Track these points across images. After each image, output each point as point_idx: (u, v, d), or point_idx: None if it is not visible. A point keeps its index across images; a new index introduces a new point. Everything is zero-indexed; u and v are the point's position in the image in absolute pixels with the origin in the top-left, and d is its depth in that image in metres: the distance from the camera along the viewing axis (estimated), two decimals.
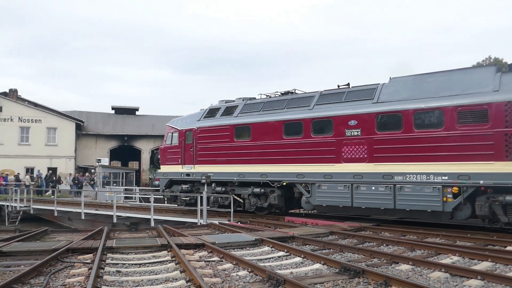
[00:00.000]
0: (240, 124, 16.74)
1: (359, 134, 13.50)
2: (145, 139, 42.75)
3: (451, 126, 11.88)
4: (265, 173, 15.82)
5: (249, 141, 16.34)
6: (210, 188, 17.56)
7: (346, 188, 13.61)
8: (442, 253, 9.24)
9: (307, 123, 14.76)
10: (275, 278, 6.75)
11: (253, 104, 17.04)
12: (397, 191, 12.58)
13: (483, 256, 8.58)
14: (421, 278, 7.25)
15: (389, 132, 12.96)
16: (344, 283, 6.89)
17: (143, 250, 9.66)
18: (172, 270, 7.81)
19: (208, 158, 17.62)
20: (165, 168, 19.77)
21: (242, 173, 16.49)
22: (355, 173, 13.47)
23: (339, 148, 13.90)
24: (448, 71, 12.81)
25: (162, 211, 20.37)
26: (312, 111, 14.84)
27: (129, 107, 45.93)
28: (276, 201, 15.68)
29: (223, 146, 17.11)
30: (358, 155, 13.50)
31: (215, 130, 17.51)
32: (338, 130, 13.94)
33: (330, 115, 14.24)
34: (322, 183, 14.23)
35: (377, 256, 8.92)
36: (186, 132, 18.59)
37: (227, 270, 7.83)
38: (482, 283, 6.74)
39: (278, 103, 16.23)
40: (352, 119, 13.65)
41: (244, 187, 16.74)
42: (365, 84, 14.33)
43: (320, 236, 11.79)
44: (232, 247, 10.16)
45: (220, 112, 17.88)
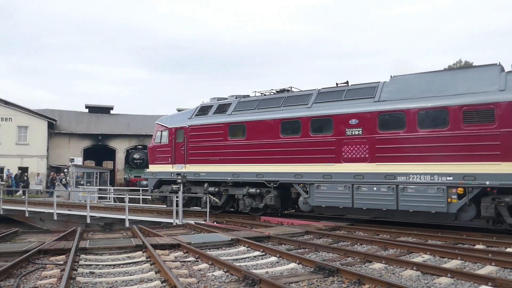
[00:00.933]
0: (234, 123, 16.22)
1: (360, 133, 13.17)
2: (120, 139, 42.15)
3: (456, 125, 11.66)
4: (261, 173, 15.36)
5: (244, 140, 15.86)
6: (202, 188, 17.12)
7: (346, 189, 13.25)
8: (414, 252, 9.46)
9: (306, 122, 14.35)
10: (250, 277, 6.78)
11: (248, 102, 16.56)
12: (399, 192, 12.34)
13: (453, 255, 8.82)
14: (393, 276, 7.41)
15: (392, 132, 12.70)
16: (319, 282, 6.98)
17: (118, 251, 9.53)
18: (147, 270, 7.75)
19: (200, 158, 17.11)
20: (154, 168, 19.03)
21: (237, 173, 15.99)
22: (356, 173, 13.14)
23: (339, 147, 13.55)
24: (451, 70, 12.60)
25: (137, 211, 20.14)
26: (311, 109, 14.43)
27: (103, 105, 45.20)
28: (272, 202, 15.28)
29: (216, 145, 16.60)
30: (359, 155, 13.18)
31: (207, 129, 16.99)
32: (338, 129, 13.60)
33: (330, 114, 13.87)
34: (321, 184, 13.84)
35: (351, 255, 9.05)
36: (177, 131, 18.00)
37: (202, 270, 7.81)
38: (452, 281, 6.93)
39: (274, 101, 15.78)
40: (353, 118, 13.33)
41: (238, 187, 16.29)
42: (365, 83, 14.10)
43: (295, 235, 11.88)
44: (208, 247, 10.14)
45: (213, 110, 17.33)
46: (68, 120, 42.26)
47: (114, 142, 42.19)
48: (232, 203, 17.01)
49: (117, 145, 42.19)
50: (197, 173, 17.11)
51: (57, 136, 40.49)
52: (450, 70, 12.97)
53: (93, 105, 44.80)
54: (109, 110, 45.22)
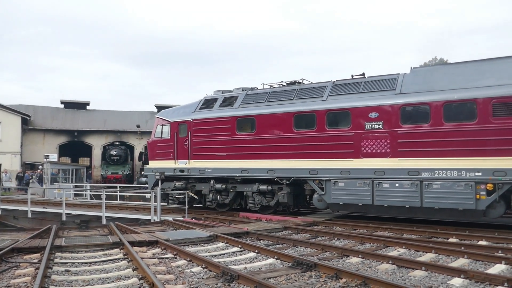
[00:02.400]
0: (243, 116, 15.43)
1: (381, 127, 12.57)
2: (96, 135, 41.52)
3: (485, 119, 11.16)
4: (272, 169, 14.59)
5: (254, 134, 15.07)
6: (207, 185, 16.45)
7: (366, 185, 12.65)
8: (390, 246, 9.64)
9: (321, 115, 13.66)
10: (229, 273, 6.80)
11: (256, 95, 15.81)
12: (424, 188, 11.81)
13: (428, 248, 9.04)
14: (370, 270, 7.53)
15: (415, 125, 12.14)
16: (297, 276, 7.05)
17: (94, 249, 9.42)
18: (124, 268, 7.68)
19: (206, 153, 16.28)
20: (154, 164, 18.04)
21: (246, 169, 15.20)
22: (377, 169, 12.55)
23: (358, 142, 12.92)
24: (477, 61, 12.25)
25: (115, 208, 19.91)
26: (326, 102, 13.74)
27: (79, 101, 44.45)
28: (285, 199, 14.56)
29: (223, 140, 15.80)
30: (379, 150, 12.58)
31: (213, 123, 16.16)
32: (357, 122, 12.98)
33: (348, 107, 13.21)
34: (339, 180, 13.16)
35: (329, 250, 9.17)
36: (179, 125, 17.10)
37: (181, 267, 7.79)
38: (426, 274, 7.10)
39: (285, 93, 15.03)
40: (372, 111, 12.72)
41: (247, 184, 15.53)
42: (382, 75, 13.61)
43: (274, 231, 11.95)
44: (186, 243, 10.12)
45: (218, 103, 16.53)
46: (43, 115, 41.38)
47: (90, 138, 41.55)
48: (239, 201, 16.35)
49: (94, 141, 41.56)
50: (203, 169, 16.31)
51: (31, 132, 39.60)
52: (476, 60, 12.31)
53: (68, 100, 44.00)
54: (85, 106, 44.49)
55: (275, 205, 15.08)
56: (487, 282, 6.42)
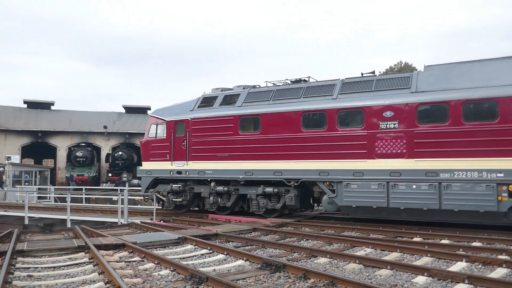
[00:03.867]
0: (247, 115, 14.71)
1: (396, 127, 12.12)
2: (61, 136, 40.44)
3: (507, 118, 10.85)
4: (279, 170, 13.90)
5: (259, 134, 14.36)
6: (207, 187, 15.56)
7: (381, 187, 12.15)
8: (357, 246, 9.82)
9: (332, 114, 13.09)
10: (197, 276, 6.77)
11: (260, 93, 15.09)
12: (442, 190, 11.40)
13: (393, 248, 9.26)
14: (337, 270, 7.65)
15: (433, 125, 11.75)
16: (266, 277, 7.08)
17: (58, 253, 9.18)
18: (90, 272, 7.52)
19: (206, 154, 15.42)
20: (148, 165, 16.98)
21: (250, 171, 14.45)
22: (392, 170, 12.07)
23: (371, 142, 12.43)
24: (496, 59, 12.06)
25: (80, 211, 19.47)
26: (337, 100, 13.18)
27: (43, 101, 43.27)
28: (292, 202, 13.85)
29: (225, 140, 15.04)
30: (395, 150, 12.13)
31: (214, 122, 15.38)
32: (371, 122, 12.48)
33: (360, 106, 12.70)
34: (351, 181, 12.61)
35: (297, 251, 9.26)
36: (177, 124, 16.22)
37: (148, 270, 7.69)
38: (391, 272, 7.28)
39: (292, 91, 14.38)
40: (387, 110, 12.26)
41: (250, 186, 14.75)
42: (395, 73, 13.03)
43: (243, 232, 11.96)
44: (154, 246, 10.00)
45: (218, 101, 15.74)
46: (4, 115, 40.00)
47: (55, 139, 40.42)
48: (241, 204, 15.55)
49: (58, 142, 40.46)
50: (202, 170, 15.46)
51: None
52: (495, 59, 12.08)
53: (32, 100, 42.80)
54: (50, 106, 43.35)
55: (281, 208, 14.40)
56: (449, 279, 6.64)
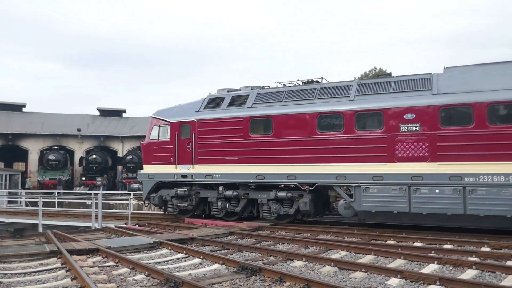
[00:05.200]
0: (258, 117, 14.21)
1: (418, 130, 11.79)
2: (33, 138, 39.45)
3: None
4: (293, 174, 13.42)
5: (271, 136, 13.85)
6: (215, 191, 15.02)
7: (402, 191, 11.79)
8: (332, 249, 9.93)
9: (349, 116, 12.71)
10: (173, 280, 6.72)
11: (271, 94, 14.63)
12: (467, 195, 11.11)
13: (367, 250, 9.40)
14: (313, 273, 7.73)
15: (457, 128, 11.44)
16: (242, 281, 7.09)
17: (29, 258, 8.96)
18: (62, 277, 7.37)
19: (214, 157, 14.84)
20: (150, 168, 16.33)
21: (261, 174, 13.91)
22: (414, 174, 11.74)
23: (391, 145, 12.08)
24: None
25: (52, 215, 19.07)
26: (354, 102, 12.81)
27: (14, 103, 42.20)
28: (307, 207, 13.34)
29: (234, 142, 14.47)
30: (416, 153, 11.79)
31: (222, 123, 14.82)
32: (391, 124, 12.15)
33: (380, 108, 12.34)
34: (371, 186, 12.24)
35: (273, 254, 9.29)
36: (181, 125, 15.61)
37: (123, 275, 7.59)
38: (366, 275, 7.39)
39: (305, 92, 13.95)
40: (408, 112, 11.94)
41: (261, 190, 14.25)
42: (413, 74, 13.00)
43: (219, 236, 11.93)
44: (129, 251, 9.88)
45: (226, 102, 15.22)
46: None
47: (26, 142, 39.40)
48: (251, 209, 14.97)
49: (30, 145, 39.45)
50: (210, 174, 14.84)
51: None
52: None
53: (2, 101, 41.65)
54: (21, 108, 42.31)
55: (295, 213, 13.89)
56: (421, 281, 6.79)
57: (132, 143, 39.81)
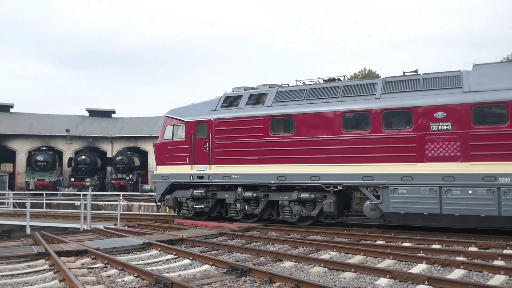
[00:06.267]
0: (278, 115, 13.82)
1: (449, 129, 11.45)
2: (21, 139, 39.01)
3: None
4: (316, 174, 13.00)
5: (293, 135, 13.45)
6: (233, 193, 14.59)
7: (432, 192, 11.45)
8: (322, 249, 9.96)
9: (376, 115, 12.35)
10: (162, 281, 6.70)
11: (291, 92, 14.17)
12: (502, 196, 10.76)
13: (357, 251, 9.45)
14: (302, 273, 7.75)
15: (490, 126, 11.13)
16: (232, 282, 7.08)
17: (16, 260, 8.87)
18: (50, 279, 7.31)
19: (232, 157, 14.40)
20: (164, 169, 15.88)
21: (283, 175, 13.51)
22: (445, 174, 11.38)
23: (421, 144, 11.74)
24: None
25: (40, 216, 18.89)
26: (381, 100, 12.46)
27: (1, 103, 41.67)
28: (331, 209, 12.92)
29: (254, 142, 14.05)
30: (448, 153, 11.44)
31: (241, 122, 14.40)
32: (420, 123, 11.80)
33: (408, 106, 12.01)
34: (399, 187, 11.88)
35: (263, 255, 9.30)
36: (197, 125, 15.17)
37: (112, 276, 7.55)
38: (355, 275, 7.44)
39: (328, 90, 13.53)
40: (439, 111, 11.57)
41: (282, 192, 13.84)
42: (441, 72, 12.64)
43: (209, 237, 11.92)
44: (118, 252, 9.82)
45: (244, 100, 14.77)
46: None
47: (14, 143, 38.95)
48: (270, 211, 14.54)
49: (18, 146, 39.00)
50: (228, 175, 14.45)
51: None
52: None
53: None
54: (9, 108, 41.83)
55: (318, 215, 13.50)
56: (410, 281, 6.84)
57: (121, 144, 39.56)
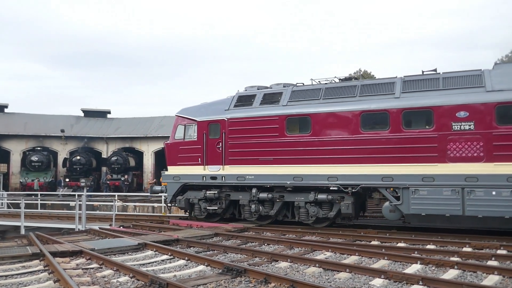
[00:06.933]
0: (294, 115, 13.56)
1: (471, 129, 11.20)
2: (15, 140, 38.84)
3: None
4: (334, 175, 12.77)
5: (309, 135, 13.19)
6: (246, 194, 14.30)
7: (454, 193, 11.22)
8: (317, 250, 9.98)
9: (396, 114, 12.09)
10: (157, 282, 6.69)
11: (307, 91, 13.89)
12: None
13: (352, 251, 9.48)
14: (298, 274, 7.76)
15: None
16: (227, 283, 7.09)
17: (11, 261, 8.84)
18: (44, 280, 7.29)
19: (246, 157, 14.13)
20: (175, 170, 15.60)
21: (299, 176, 13.25)
22: (468, 175, 11.13)
23: (443, 144, 11.48)
24: None
25: (35, 217, 18.80)
26: (400, 99, 12.23)
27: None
28: (349, 210, 12.67)
29: (269, 142, 13.79)
30: (470, 153, 11.20)
31: (255, 122, 14.14)
32: (441, 122, 11.55)
33: (430, 105, 11.75)
34: (420, 188, 11.65)
35: (258, 255, 9.30)
36: (210, 124, 14.90)
37: (107, 277, 7.54)
38: (350, 275, 7.46)
39: (345, 89, 13.30)
40: (461, 110, 11.33)
41: (298, 193, 13.55)
42: (461, 71, 12.44)
43: (204, 238, 11.91)
44: (113, 252, 9.80)
45: (258, 100, 14.50)
46: None
47: (8, 143, 38.77)
48: (285, 212, 14.27)
49: (12, 146, 38.83)
50: (242, 176, 14.18)
51: None
52: None
53: None
54: (3, 109, 41.67)
55: (335, 216, 13.23)
56: (405, 281, 6.87)
57: (117, 144, 39.46)
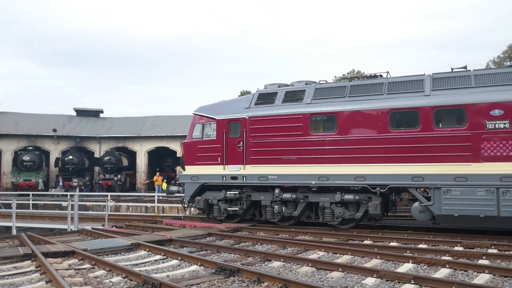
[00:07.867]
0: (319, 113, 13.21)
1: (507, 127, 10.88)
2: (6, 139, 38.52)
3: None
4: (361, 175, 12.38)
5: (335, 134, 12.83)
6: (268, 194, 13.91)
7: (489, 194, 10.90)
8: (310, 249, 10.02)
9: (427, 112, 11.75)
10: (150, 282, 6.69)
11: (332, 89, 13.59)
12: None
13: (344, 250, 9.53)
14: (291, 273, 7.79)
15: None
16: (220, 282, 7.10)
17: (2, 262, 8.77)
18: (36, 281, 7.25)
19: (268, 157, 13.75)
20: (193, 170, 15.14)
21: (325, 176, 12.87)
22: (503, 175, 10.79)
23: (476, 143, 11.17)
24: None
25: (27, 217, 18.69)
26: (431, 97, 11.89)
27: None
28: (376, 211, 12.27)
29: (293, 141, 13.39)
30: (506, 153, 10.88)
31: (277, 120, 13.75)
32: (475, 121, 11.24)
33: (462, 103, 11.42)
34: (452, 188, 11.31)
35: (252, 255, 9.32)
36: (230, 123, 14.47)
37: (99, 277, 7.52)
38: (342, 275, 7.50)
39: (372, 87, 12.94)
40: (496, 108, 11.00)
41: (322, 193, 13.15)
42: (493, 68, 11.95)
43: (198, 238, 11.91)
44: (106, 253, 9.78)
45: (280, 98, 14.13)
46: None
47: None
48: (308, 213, 13.86)
49: (3, 146, 38.51)
50: (264, 176, 13.78)
51: None
52: None
53: None
54: None
55: (362, 217, 12.80)
56: (397, 280, 6.93)
57: (109, 144, 39.27)
